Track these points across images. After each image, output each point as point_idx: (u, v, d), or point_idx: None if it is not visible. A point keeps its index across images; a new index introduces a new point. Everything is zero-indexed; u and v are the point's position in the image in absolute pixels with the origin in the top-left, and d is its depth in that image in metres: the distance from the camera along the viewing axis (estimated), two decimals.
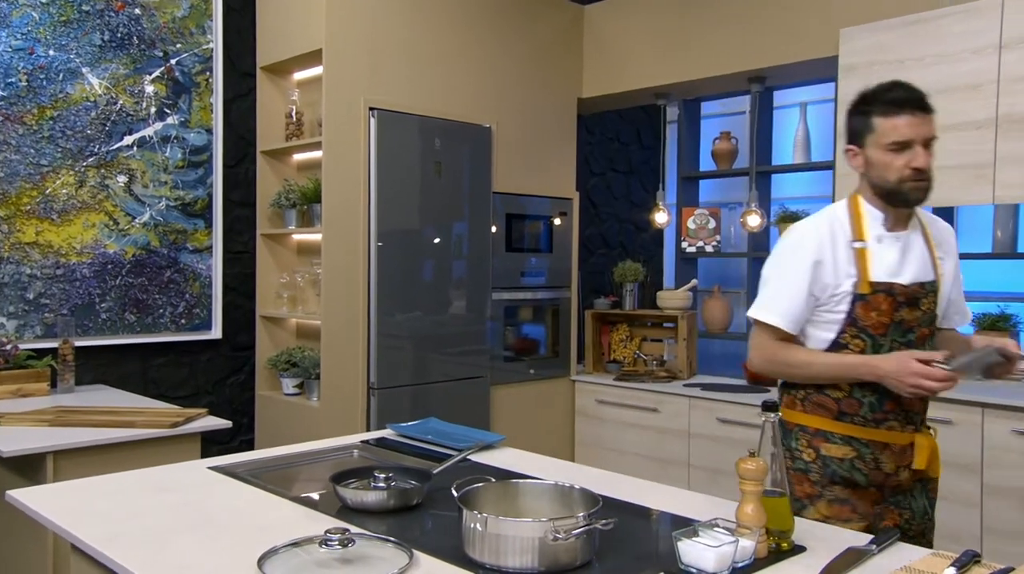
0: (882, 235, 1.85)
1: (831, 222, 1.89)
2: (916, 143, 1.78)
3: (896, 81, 1.85)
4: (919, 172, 1.78)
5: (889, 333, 1.83)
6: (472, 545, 1.36)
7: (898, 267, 1.83)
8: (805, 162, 4.37)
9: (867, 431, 1.84)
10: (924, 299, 1.84)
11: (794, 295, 1.86)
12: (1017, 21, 2.88)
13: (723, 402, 3.72)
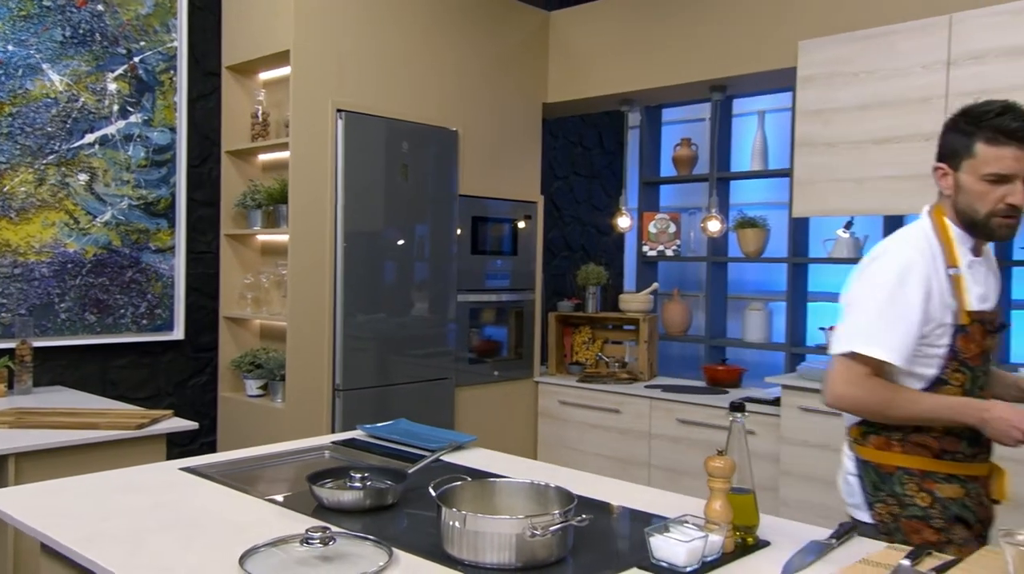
0: (971, 261, 1.75)
1: (930, 246, 1.73)
2: (1018, 178, 1.65)
3: (1007, 104, 1.68)
4: (1013, 209, 1.66)
5: (982, 364, 1.75)
6: (451, 542, 1.39)
7: (984, 294, 1.76)
8: (762, 169, 4.48)
9: (966, 467, 1.73)
10: (996, 332, 1.78)
11: (909, 328, 1.68)
12: (964, 40, 3.02)
13: (683, 403, 3.80)
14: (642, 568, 1.38)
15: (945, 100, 3.05)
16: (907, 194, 3.16)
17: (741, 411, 1.55)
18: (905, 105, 3.15)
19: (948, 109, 3.05)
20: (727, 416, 1.56)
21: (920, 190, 3.11)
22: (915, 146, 3.13)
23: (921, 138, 3.11)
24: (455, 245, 4.05)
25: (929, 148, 3.06)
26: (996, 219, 1.67)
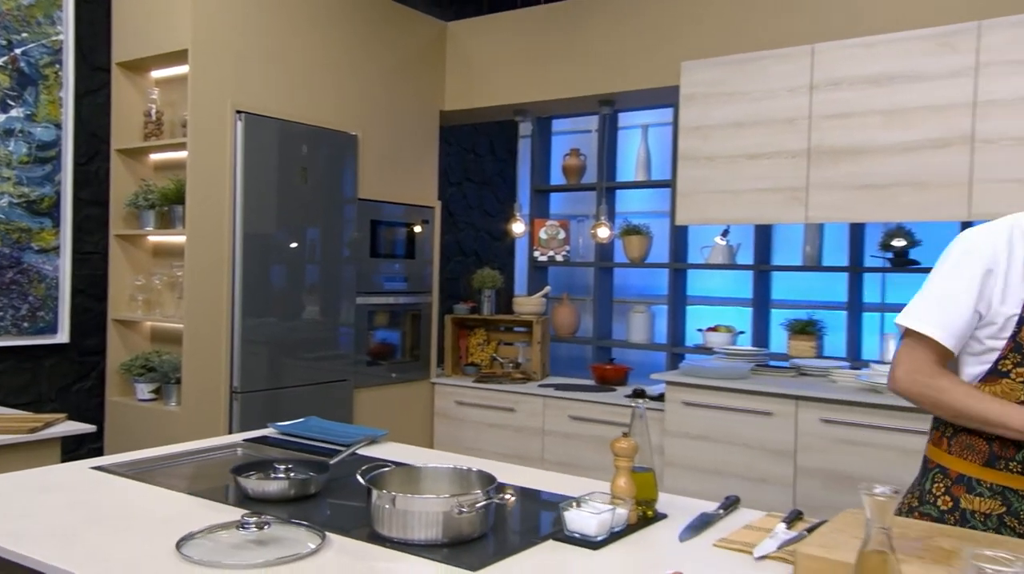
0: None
1: (1012, 229, 1.62)
2: None
3: None
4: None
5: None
6: (381, 522, 1.49)
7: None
8: (646, 180, 4.77)
9: (1018, 479, 1.58)
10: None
11: (959, 306, 1.61)
12: (824, 68, 3.36)
13: (575, 401, 4.00)
14: (557, 539, 1.53)
15: (808, 121, 3.38)
16: (776, 205, 3.47)
17: (642, 397, 1.72)
18: (774, 124, 3.47)
19: (811, 129, 3.39)
20: (631, 402, 1.73)
21: (788, 202, 3.43)
22: (783, 162, 3.44)
23: (788, 155, 3.43)
24: (354, 248, 4.09)
25: (796, 164, 3.39)
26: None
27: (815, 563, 1.34)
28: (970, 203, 3.05)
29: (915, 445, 3.02)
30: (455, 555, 1.43)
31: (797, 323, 4.18)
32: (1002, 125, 2.98)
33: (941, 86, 3.10)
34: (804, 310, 4.35)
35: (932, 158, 3.12)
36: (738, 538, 1.56)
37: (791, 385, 3.41)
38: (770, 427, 3.35)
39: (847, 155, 3.29)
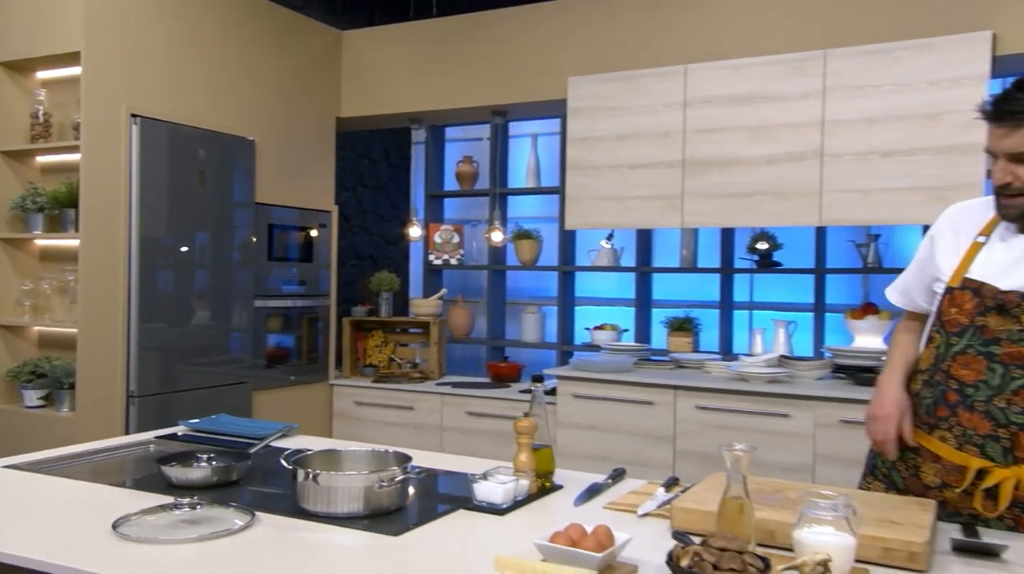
0: (1007, 236, 1.68)
1: (977, 207, 1.75)
2: (1000, 156, 1.61)
3: (1007, 87, 1.61)
4: (1001, 187, 1.63)
5: (965, 336, 1.66)
6: (307, 499, 1.63)
7: (1003, 271, 1.65)
8: (536, 186, 5.01)
9: (919, 435, 1.73)
10: None
11: (911, 272, 1.84)
12: (696, 87, 3.69)
13: (472, 397, 4.19)
14: (467, 508, 1.71)
15: (683, 135, 3.71)
16: (656, 211, 3.78)
17: (540, 382, 1.92)
18: (653, 137, 3.77)
19: (686, 142, 3.71)
20: (530, 386, 1.93)
21: (666, 208, 3.74)
22: (662, 171, 3.75)
23: (666, 165, 3.75)
24: (251, 252, 4.14)
25: (672, 174, 3.70)
26: (999, 199, 1.65)
27: (687, 514, 1.58)
28: (821, 210, 3.44)
29: (778, 427, 3.38)
30: (376, 525, 1.59)
31: (675, 320, 4.51)
32: (845, 142, 3.38)
33: (795, 106, 3.48)
34: (682, 308, 4.70)
35: (789, 170, 3.49)
36: (624, 501, 1.79)
37: (670, 376, 3.71)
38: (651, 415, 3.64)
39: (717, 166, 3.63)
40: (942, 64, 3.21)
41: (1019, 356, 1.60)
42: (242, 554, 1.43)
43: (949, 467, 1.68)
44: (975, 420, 1.64)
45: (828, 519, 1.31)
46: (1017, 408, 1.60)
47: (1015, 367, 1.60)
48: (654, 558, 1.41)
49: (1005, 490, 1.60)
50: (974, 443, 1.64)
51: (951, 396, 1.67)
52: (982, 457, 1.63)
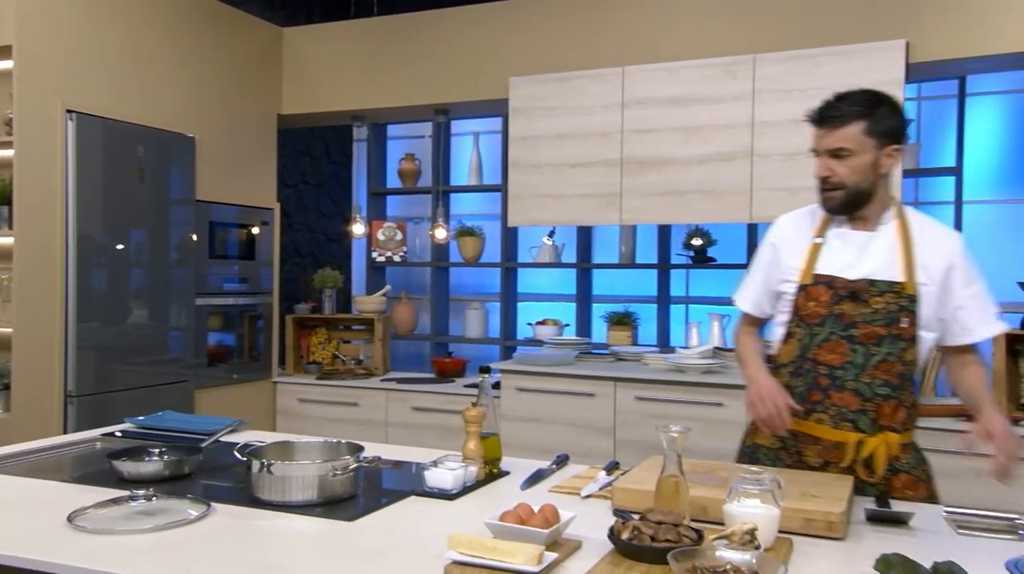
0: (842, 232, 1.90)
1: (804, 214, 1.99)
2: (820, 153, 1.86)
3: (829, 98, 1.89)
4: (820, 180, 1.86)
5: (827, 324, 1.86)
6: (261, 489, 1.68)
7: (848, 263, 1.87)
8: (478, 184, 5.09)
9: (796, 422, 1.86)
10: (876, 297, 1.83)
11: (753, 277, 2.03)
12: (633, 88, 3.81)
13: (417, 393, 4.24)
14: (418, 495, 1.78)
15: (621, 135, 3.83)
16: (595, 209, 3.90)
17: (488, 373, 2.00)
18: (591, 137, 3.88)
19: (623, 142, 3.84)
20: (478, 377, 2.01)
21: (605, 206, 3.86)
22: (600, 170, 3.86)
23: (605, 164, 3.86)
24: (192, 250, 4.11)
25: (611, 172, 3.81)
26: (820, 193, 1.88)
27: (627, 494, 1.68)
28: (751, 208, 3.60)
29: (713, 415, 3.52)
30: (329, 511, 1.65)
31: (615, 315, 4.64)
32: (774, 143, 3.54)
33: (727, 108, 3.63)
34: (621, 303, 4.84)
35: (721, 170, 3.64)
36: (568, 484, 1.89)
37: (610, 369, 3.83)
38: (592, 407, 3.76)
39: (653, 165, 3.77)
40: (861, 70, 3.39)
41: (874, 335, 1.83)
42: (200, 542, 1.47)
43: (829, 446, 1.86)
44: (846, 398, 1.83)
45: (755, 492, 1.42)
46: (879, 381, 1.82)
47: (872, 345, 1.83)
48: (597, 534, 1.50)
49: (879, 456, 1.81)
50: (847, 419, 1.84)
51: (822, 380, 1.86)
52: (856, 431, 1.83)
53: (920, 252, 1.85)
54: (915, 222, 1.91)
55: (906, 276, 1.83)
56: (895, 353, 1.82)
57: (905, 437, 1.87)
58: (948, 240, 1.90)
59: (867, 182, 1.84)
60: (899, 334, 1.82)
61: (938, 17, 3.34)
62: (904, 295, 1.82)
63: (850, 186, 1.83)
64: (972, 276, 1.88)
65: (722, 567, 1.20)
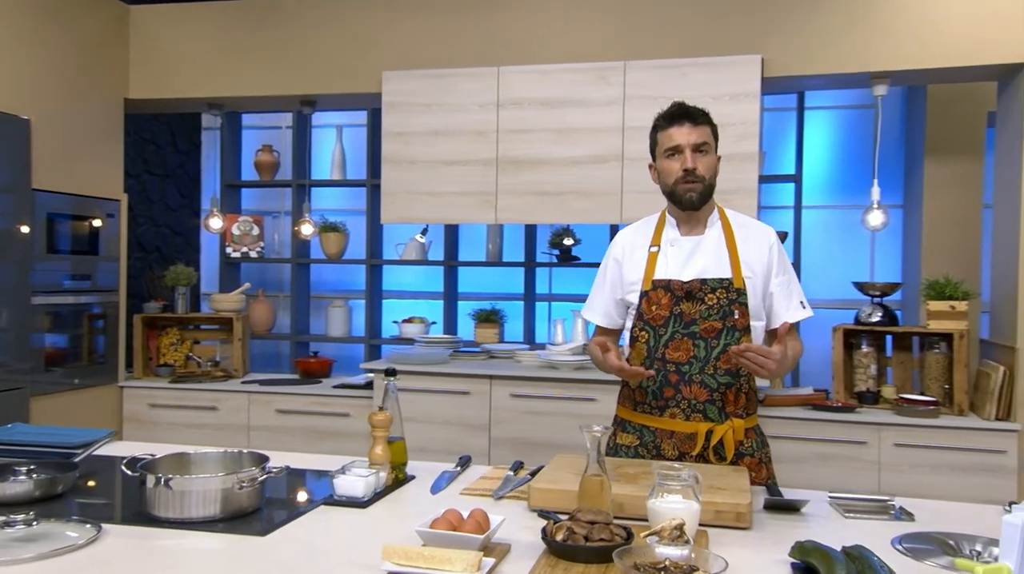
0: (675, 239, 2.07)
1: (640, 228, 2.16)
2: (686, 148, 1.99)
3: (676, 101, 2.08)
4: (688, 172, 1.99)
5: (670, 325, 2.02)
6: (158, 505, 1.55)
7: (682, 266, 2.03)
8: (342, 179, 4.95)
9: (653, 419, 2.04)
10: (709, 294, 2.00)
11: (600, 291, 2.17)
12: (508, 88, 3.84)
13: (282, 394, 4.07)
14: (328, 504, 1.71)
15: (496, 134, 3.85)
16: (471, 207, 3.89)
17: (393, 375, 1.95)
18: (467, 135, 3.88)
19: (499, 142, 3.86)
20: (383, 380, 1.95)
21: (481, 204, 3.87)
22: (476, 168, 3.86)
23: (480, 163, 3.87)
24: (29, 244, 3.73)
25: (486, 171, 3.83)
26: (680, 185, 2.01)
27: (544, 494, 1.70)
28: (622, 209, 3.72)
29: (586, 410, 3.62)
30: (236, 526, 1.55)
31: (482, 313, 4.67)
32: (643, 147, 3.66)
33: (599, 112, 3.73)
34: (488, 301, 4.87)
35: (593, 171, 3.74)
36: (478, 486, 1.88)
37: (484, 366, 3.85)
38: (468, 405, 3.76)
39: (528, 166, 3.81)
40: (722, 81, 3.60)
41: (712, 329, 2.01)
42: (95, 568, 1.35)
43: (683, 437, 2.01)
44: (695, 391, 2.00)
45: (677, 488, 1.48)
46: (721, 371, 2.00)
47: (712, 339, 2.01)
48: (522, 536, 1.51)
49: (728, 441, 1.98)
50: (698, 410, 2.01)
51: (672, 377, 2.02)
52: (706, 421, 2.00)
53: (743, 249, 2.03)
54: (736, 221, 2.09)
55: (733, 272, 2.01)
56: (732, 343, 1.98)
57: (749, 422, 2.04)
58: (764, 235, 2.08)
59: (713, 179, 2.04)
60: (734, 325, 2.00)
61: (787, 37, 3.60)
62: (734, 289, 2.00)
63: (707, 180, 2.02)
64: (783, 266, 2.07)
65: (662, 563, 1.23)
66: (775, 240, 2.08)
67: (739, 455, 2.01)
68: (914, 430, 3.38)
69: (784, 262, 2.08)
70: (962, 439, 3.33)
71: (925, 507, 1.78)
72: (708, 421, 1.99)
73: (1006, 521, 1.15)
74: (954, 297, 3.56)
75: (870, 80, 3.62)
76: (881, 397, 3.65)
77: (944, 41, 3.42)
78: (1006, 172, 3.53)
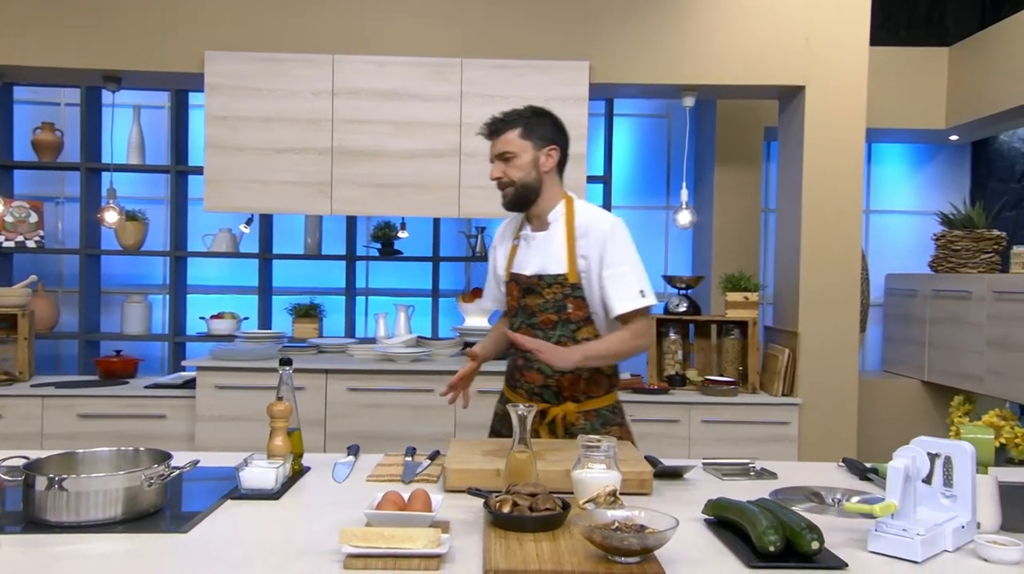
0: (527, 234, 2.21)
1: (512, 219, 2.31)
2: (492, 159, 2.18)
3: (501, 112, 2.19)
4: (494, 181, 2.17)
5: (519, 315, 2.20)
6: (50, 509, 1.40)
7: (526, 262, 2.18)
8: (141, 163, 4.57)
9: (512, 394, 2.25)
10: (546, 289, 2.15)
11: (489, 277, 2.36)
12: (344, 77, 3.76)
13: (84, 398, 3.69)
14: (233, 498, 1.63)
15: (331, 123, 3.76)
16: (305, 197, 3.77)
17: (289, 365, 1.89)
18: (301, 123, 3.75)
19: (334, 131, 3.78)
20: (279, 369, 1.88)
21: (315, 195, 3.77)
22: (310, 157, 3.75)
23: (315, 152, 3.76)
24: None
25: (321, 160, 3.75)
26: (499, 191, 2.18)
27: (460, 474, 1.74)
28: (459, 204, 3.79)
29: (424, 401, 3.66)
30: (142, 526, 1.44)
31: (301, 307, 4.53)
32: (480, 143, 3.73)
33: (437, 107, 3.77)
34: (304, 295, 4.73)
35: (431, 165, 3.77)
36: (381, 472, 1.87)
37: (318, 361, 3.75)
38: (302, 400, 3.59)
39: (365, 157, 3.76)
40: (555, 84, 3.78)
41: (549, 321, 2.17)
42: None
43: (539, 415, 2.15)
44: (534, 376, 2.19)
45: (601, 459, 1.58)
46: None
47: (549, 330, 2.16)
48: (453, 514, 1.54)
49: (558, 422, 2.15)
50: (535, 394, 2.19)
51: (519, 361, 2.23)
52: (542, 403, 2.16)
53: (580, 244, 2.13)
54: (580, 215, 2.16)
55: (568, 268, 2.12)
56: (567, 334, 2.15)
57: (587, 405, 2.18)
58: (599, 229, 2.13)
59: (531, 178, 2.13)
60: (568, 318, 2.15)
61: (612, 47, 3.86)
62: (568, 284, 2.13)
63: (517, 182, 2.13)
64: (617, 258, 2.11)
65: (614, 524, 1.33)
66: (611, 232, 2.12)
67: (572, 435, 2.13)
68: (717, 407, 3.78)
69: (620, 253, 2.12)
70: (756, 414, 3.78)
71: (776, 467, 2.03)
72: (544, 403, 2.15)
73: (892, 466, 1.37)
74: (748, 289, 4.03)
75: (680, 92, 3.98)
76: (688, 380, 4.03)
77: (742, 62, 3.86)
78: (789, 180, 4.05)
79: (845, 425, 3.84)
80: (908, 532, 1.34)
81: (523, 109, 2.18)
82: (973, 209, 4.16)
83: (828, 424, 3.82)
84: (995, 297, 3.71)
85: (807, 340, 3.84)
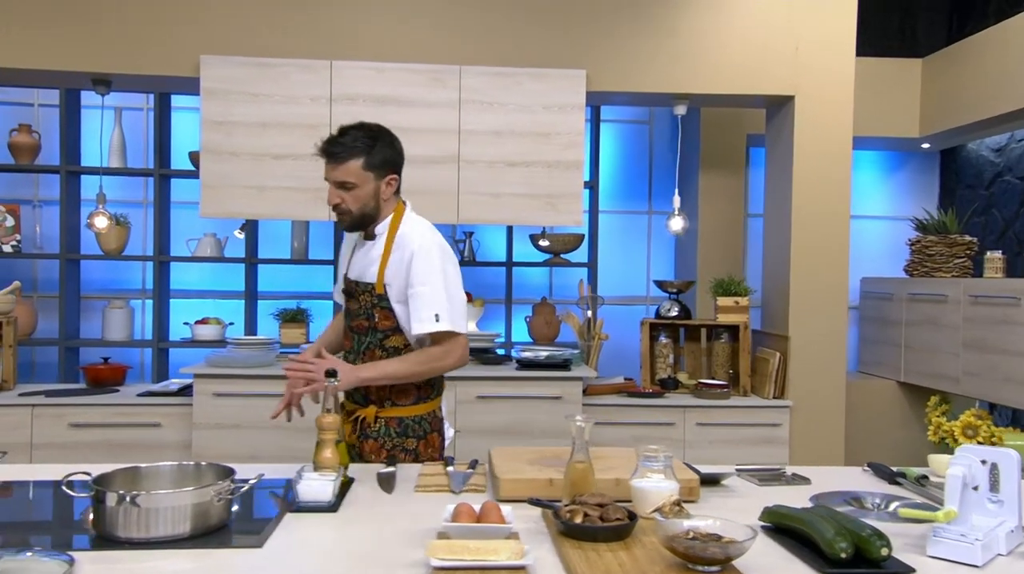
0: (360, 241, 2.30)
1: None
2: (330, 184, 2.18)
3: (328, 137, 2.19)
4: (333, 207, 2.18)
5: (347, 318, 2.30)
6: (119, 526, 1.39)
7: (352, 266, 2.28)
8: (123, 166, 4.48)
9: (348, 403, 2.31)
10: (361, 295, 2.21)
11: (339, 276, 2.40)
12: (342, 83, 3.73)
13: (75, 406, 3.61)
14: (293, 511, 1.63)
15: (330, 128, 3.73)
16: (303, 203, 3.74)
17: (334, 376, 1.89)
18: (298, 128, 3.72)
19: None
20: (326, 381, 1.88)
21: (313, 201, 3.74)
22: (307, 163, 3.71)
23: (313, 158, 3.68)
24: None
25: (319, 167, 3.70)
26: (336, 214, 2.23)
27: (512, 484, 1.76)
28: (458, 210, 3.80)
29: None
30: (213, 541, 1.43)
31: (288, 312, 4.49)
32: (478, 150, 3.79)
33: (436, 113, 3.77)
34: (291, 300, 4.69)
35: (431, 171, 3.78)
36: (428, 483, 1.88)
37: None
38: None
39: None
40: (552, 92, 3.81)
41: (361, 327, 2.23)
42: None
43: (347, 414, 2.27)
44: None
45: (659, 469, 1.62)
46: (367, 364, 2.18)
47: (362, 335, 2.23)
48: (515, 525, 1.56)
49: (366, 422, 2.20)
50: (349, 394, 2.27)
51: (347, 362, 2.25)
52: (353, 403, 2.26)
53: (392, 258, 2.17)
54: (401, 229, 2.20)
55: (377, 278, 2.17)
56: (375, 342, 2.21)
57: (388, 411, 2.20)
58: (409, 247, 2.16)
59: (370, 207, 2.17)
60: (375, 326, 2.20)
61: (607, 56, 3.91)
62: (375, 294, 2.18)
63: (355, 213, 2.16)
64: (420, 277, 2.13)
65: (690, 534, 1.36)
66: (419, 250, 2.14)
67: (364, 436, 2.20)
68: (711, 410, 3.86)
69: (423, 274, 2.12)
70: (748, 416, 3.87)
71: (806, 473, 2.09)
72: (356, 404, 2.24)
73: (950, 474, 1.44)
74: (738, 293, 4.12)
75: (673, 100, 4.05)
76: (680, 383, 4.11)
77: (733, 72, 3.94)
78: (778, 187, 4.15)
79: (834, 427, 3.95)
80: (967, 537, 1.40)
81: (363, 133, 2.17)
82: (947, 215, 4.32)
83: (818, 426, 3.93)
84: (970, 301, 3.86)
85: (797, 343, 3.94)
